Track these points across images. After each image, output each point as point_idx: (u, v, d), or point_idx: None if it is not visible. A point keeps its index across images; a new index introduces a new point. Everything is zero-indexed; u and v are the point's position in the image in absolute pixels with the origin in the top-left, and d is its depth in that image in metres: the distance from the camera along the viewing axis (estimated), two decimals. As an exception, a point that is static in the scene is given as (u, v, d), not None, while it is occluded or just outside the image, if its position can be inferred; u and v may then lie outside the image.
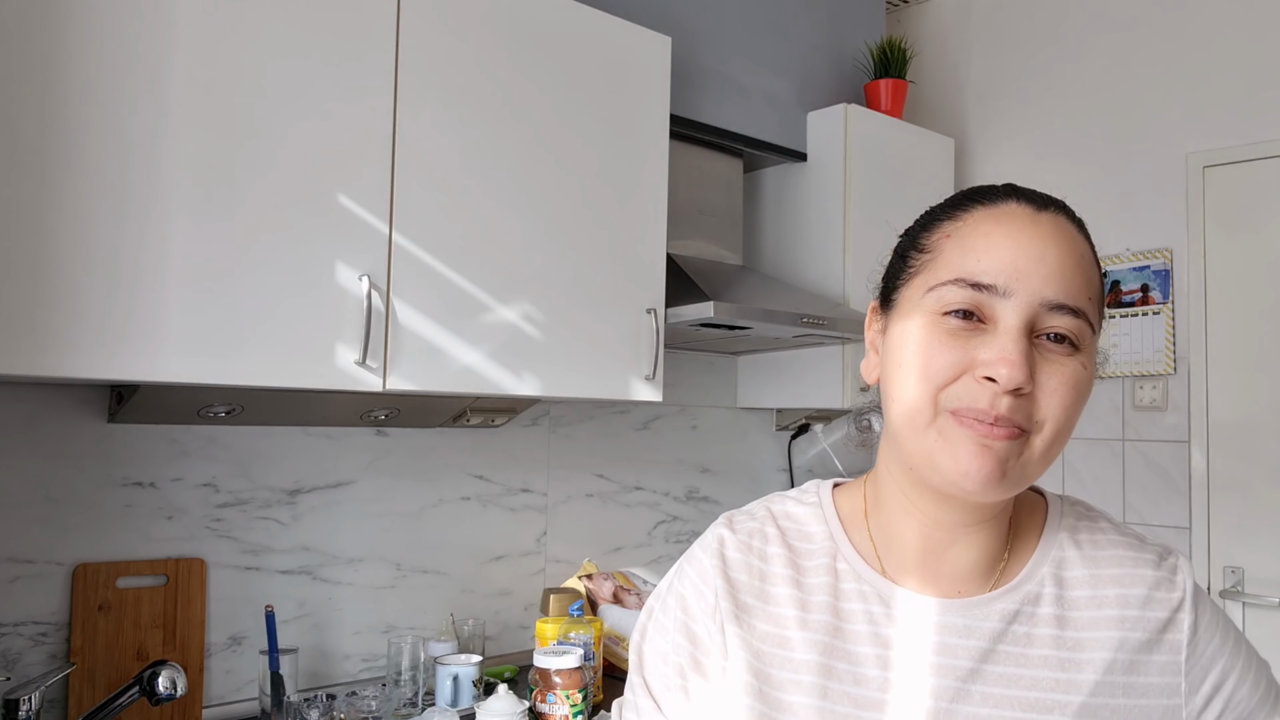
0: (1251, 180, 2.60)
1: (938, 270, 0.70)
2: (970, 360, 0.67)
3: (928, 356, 0.69)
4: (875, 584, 0.77)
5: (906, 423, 0.71)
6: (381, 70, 1.73)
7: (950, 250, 0.70)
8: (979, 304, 0.68)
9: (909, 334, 0.71)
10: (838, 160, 2.68)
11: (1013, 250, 0.68)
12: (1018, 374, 0.65)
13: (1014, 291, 0.67)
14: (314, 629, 2.01)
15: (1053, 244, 0.68)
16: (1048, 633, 0.75)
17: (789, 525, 0.83)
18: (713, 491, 2.82)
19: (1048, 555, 0.78)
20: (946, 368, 0.68)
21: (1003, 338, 0.67)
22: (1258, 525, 2.51)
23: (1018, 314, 0.67)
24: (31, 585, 1.69)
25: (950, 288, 0.68)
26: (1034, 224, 0.69)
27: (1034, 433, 0.68)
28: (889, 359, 0.73)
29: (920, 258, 0.73)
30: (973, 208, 0.72)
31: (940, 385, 0.68)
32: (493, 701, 1.73)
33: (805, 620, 0.77)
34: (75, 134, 1.41)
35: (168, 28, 1.50)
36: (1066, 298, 0.67)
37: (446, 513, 2.23)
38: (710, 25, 2.53)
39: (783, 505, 0.85)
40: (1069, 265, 0.68)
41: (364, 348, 1.66)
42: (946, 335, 0.68)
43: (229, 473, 1.91)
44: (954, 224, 0.72)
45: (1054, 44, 3.00)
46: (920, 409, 0.69)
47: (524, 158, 1.93)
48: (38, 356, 1.37)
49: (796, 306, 2.32)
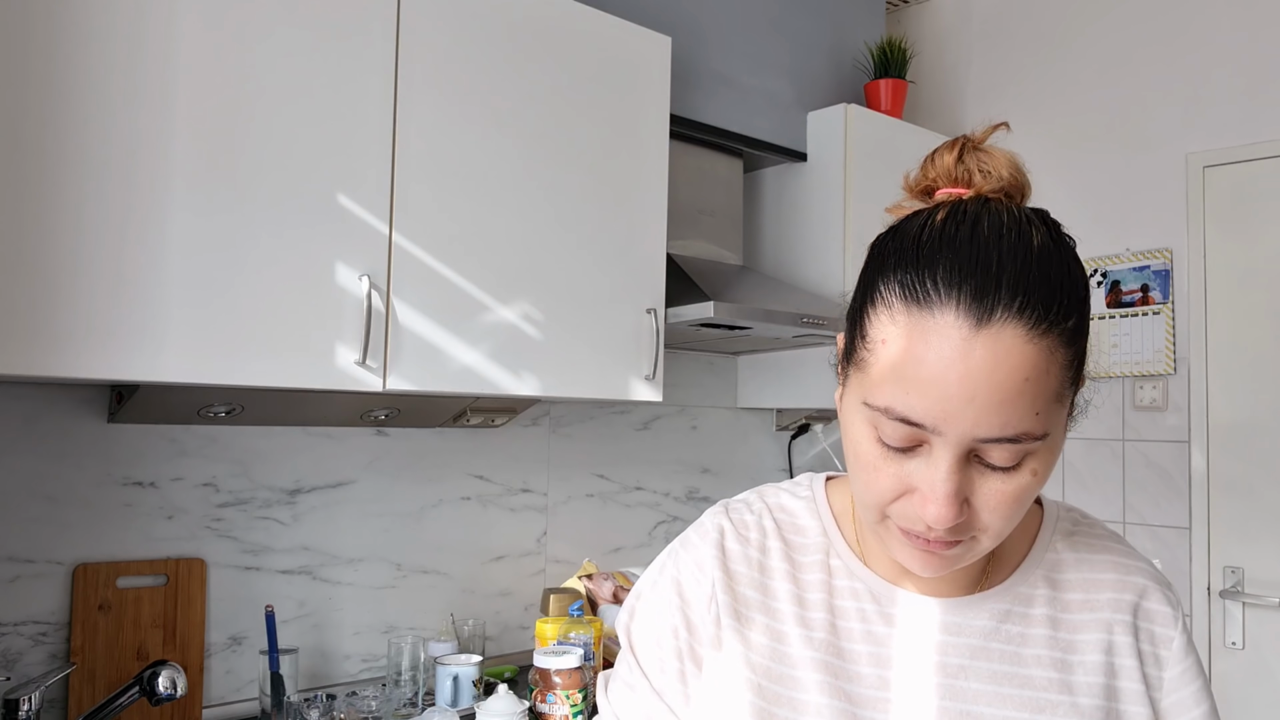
0: (1251, 180, 2.60)
1: (873, 383, 0.66)
2: (906, 484, 0.66)
3: (870, 476, 0.68)
4: (868, 581, 0.78)
5: (860, 513, 0.72)
6: (381, 70, 1.73)
7: (884, 363, 0.65)
8: (912, 435, 0.64)
9: (853, 434, 0.69)
10: (838, 160, 2.68)
11: (940, 390, 0.62)
12: (945, 516, 0.64)
13: (943, 431, 0.63)
14: (314, 629, 2.01)
15: (986, 379, 0.61)
16: (1041, 633, 0.75)
17: (784, 518, 0.83)
18: (713, 492, 2.82)
19: (1041, 558, 0.79)
20: (886, 491, 0.67)
21: (933, 471, 0.64)
22: (1258, 525, 2.51)
23: (948, 450, 0.63)
24: (31, 585, 1.69)
25: (882, 417, 0.65)
26: (966, 354, 0.61)
27: (979, 535, 0.67)
28: (843, 436, 0.72)
29: (861, 349, 0.68)
30: (910, 308, 0.64)
31: (883, 503, 0.68)
32: (493, 702, 1.73)
33: (803, 617, 0.77)
34: (75, 134, 1.41)
35: (169, 28, 1.50)
36: (1002, 432, 0.62)
37: (446, 513, 2.23)
38: (710, 25, 2.53)
39: (777, 498, 0.84)
40: (1007, 397, 0.61)
41: (364, 348, 1.66)
42: (883, 458, 0.67)
43: (229, 473, 1.91)
44: (891, 325, 0.65)
45: (1054, 44, 3.01)
46: (868, 511, 0.70)
47: (524, 158, 1.93)
48: (38, 356, 1.37)
49: (796, 306, 2.32)
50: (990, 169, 0.70)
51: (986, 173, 0.70)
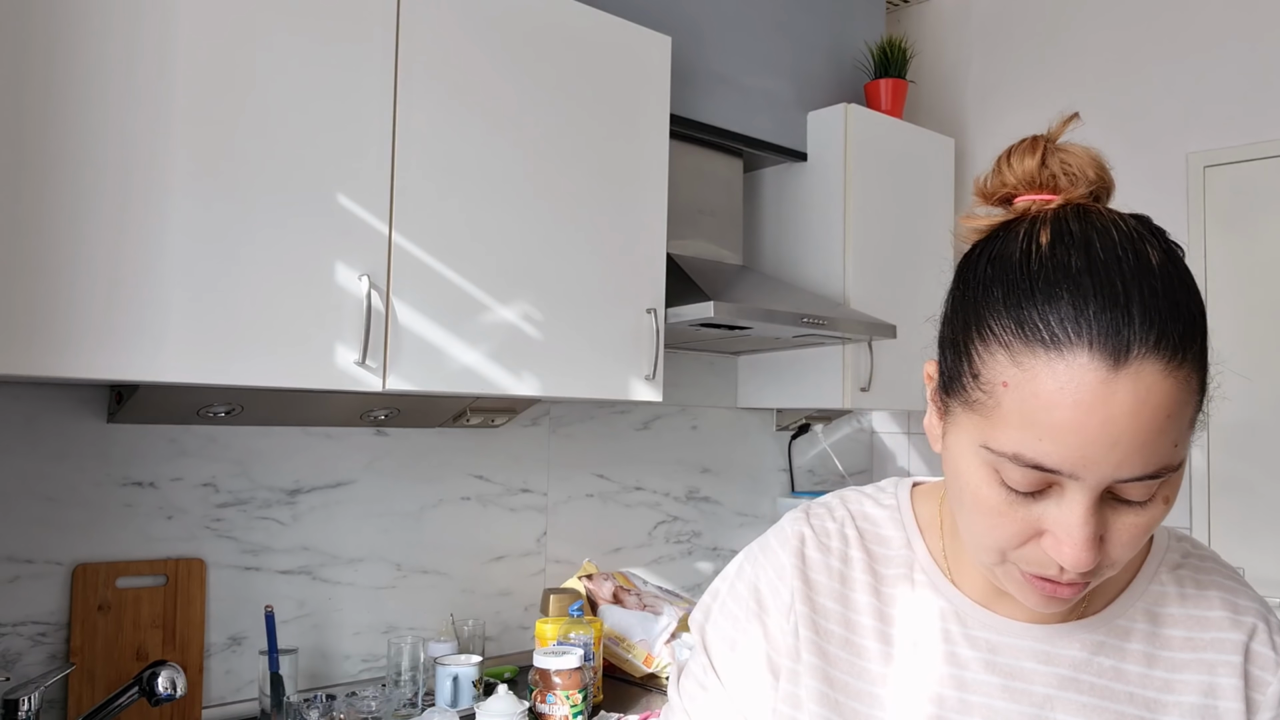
0: (1251, 180, 2.60)
1: (994, 427, 0.60)
2: (1035, 528, 0.62)
3: (992, 522, 0.63)
4: (954, 601, 0.74)
5: (971, 553, 0.68)
6: (381, 70, 1.73)
7: (1008, 407, 0.59)
8: (1043, 479, 0.60)
9: (968, 477, 0.64)
10: (838, 160, 2.68)
11: (1079, 437, 0.57)
12: (1085, 561, 0.60)
13: (1082, 476, 0.58)
14: (314, 629, 2.01)
15: (1129, 422, 0.57)
16: (1136, 669, 0.71)
17: (866, 527, 0.79)
18: (713, 492, 2.82)
19: (1144, 590, 0.74)
20: (1012, 537, 0.63)
21: (1068, 515, 0.60)
22: (1258, 525, 2.51)
23: (1084, 493, 0.59)
24: (31, 585, 1.69)
25: (1008, 463, 0.60)
26: (1107, 399, 0.56)
27: (1104, 568, 0.63)
28: (948, 473, 0.67)
29: (975, 390, 0.62)
30: (1034, 349, 0.58)
31: (1008, 549, 0.64)
32: (493, 702, 1.73)
33: (884, 633, 0.74)
34: (75, 134, 1.41)
35: (169, 28, 1.50)
36: (1144, 470, 0.58)
37: (446, 513, 2.23)
38: (710, 25, 2.53)
39: (860, 505, 0.81)
40: (1149, 437, 0.57)
41: (364, 348, 1.66)
42: (1008, 503, 0.62)
43: (229, 473, 1.91)
44: (1013, 367, 0.59)
45: (1054, 44, 3.00)
46: (986, 554, 0.66)
47: (524, 157, 1.93)
48: (38, 356, 1.37)
49: (796, 306, 2.32)
50: (1076, 171, 0.66)
51: (1073, 176, 0.66)
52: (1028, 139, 0.68)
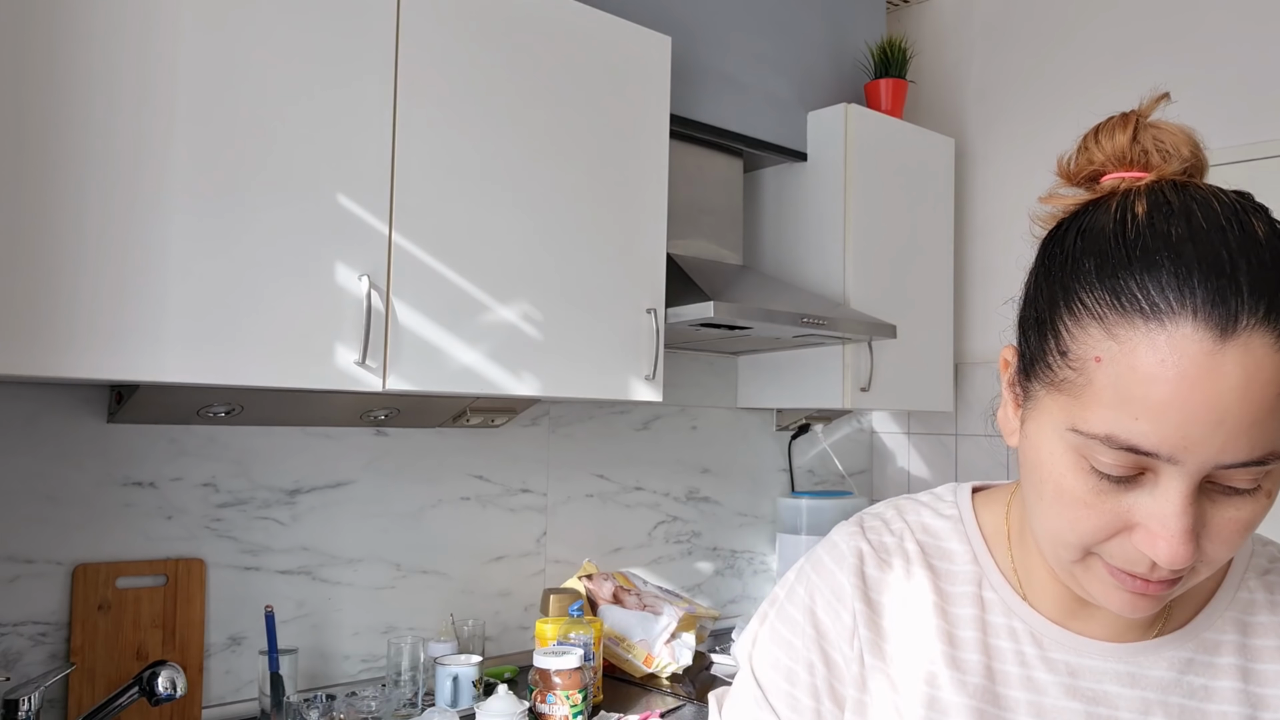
0: (1251, 180, 2.59)
1: (1085, 407, 0.56)
2: (1125, 520, 0.57)
3: (1078, 513, 0.58)
4: (1028, 620, 0.69)
5: (1049, 551, 0.63)
6: (381, 70, 1.73)
7: (1101, 384, 0.55)
8: (1137, 464, 0.55)
9: (1051, 465, 0.59)
10: (838, 160, 2.68)
11: (1182, 415, 0.53)
12: (1182, 555, 0.55)
13: (1181, 460, 0.54)
14: (314, 629, 2.01)
15: (1236, 399, 0.52)
16: (1229, 686, 0.66)
17: (928, 541, 0.73)
18: (713, 492, 2.82)
19: (1232, 598, 0.69)
20: (1100, 529, 0.58)
21: (1163, 504, 0.55)
22: (1258, 525, 2.51)
23: (1183, 480, 0.55)
24: (31, 585, 1.69)
25: (1099, 446, 0.56)
26: (1214, 370, 0.52)
27: (1198, 567, 0.59)
28: (1026, 464, 0.62)
29: (1063, 368, 0.58)
30: (1133, 320, 0.54)
31: (1093, 542, 0.59)
32: (493, 702, 1.73)
33: (954, 658, 0.69)
34: (75, 134, 1.41)
35: (169, 28, 1.50)
36: (1249, 455, 0.54)
37: (446, 513, 2.23)
38: (710, 25, 2.53)
39: (918, 515, 0.75)
40: (1258, 417, 0.53)
41: (364, 348, 1.66)
42: (1096, 492, 0.57)
43: (229, 473, 1.91)
44: (1107, 340, 0.55)
45: (1054, 44, 3.00)
46: (1068, 549, 0.61)
47: (524, 157, 1.93)
48: (38, 356, 1.37)
49: (796, 306, 2.32)
50: (1169, 147, 0.61)
51: (1166, 152, 0.61)
52: (1117, 115, 0.64)
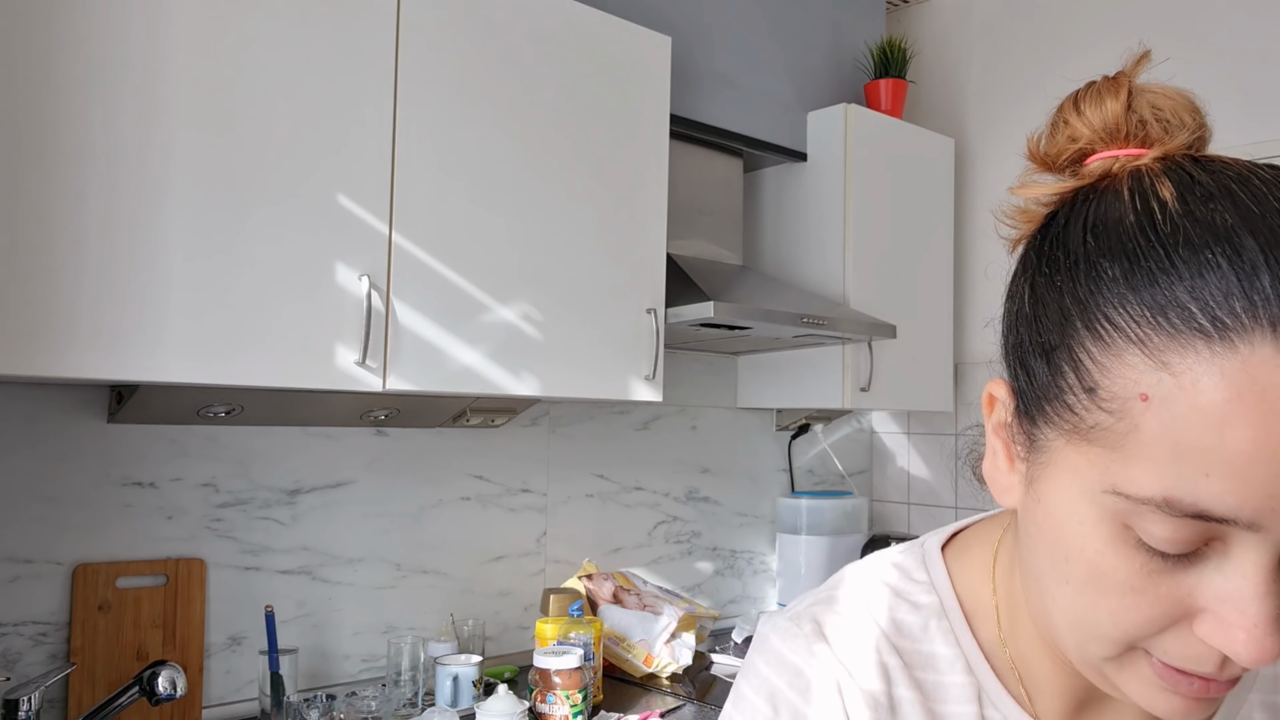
0: (1251, 180, 2.59)
1: (1128, 462, 0.42)
2: (1185, 606, 0.44)
3: (1123, 601, 0.45)
4: None
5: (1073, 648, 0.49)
6: (381, 70, 1.73)
7: (1151, 431, 0.41)
8: (1202, 534, 0.42)
9: (1077, 541, 0.46)
10: (838, 160, 2.68)
11: (1271, 466, 0.39)
12: (1268, 651, 0.42)
13: (1267, 525, 0.41)
14: (314, 629, 2.01)
15: None
16: None
17: (908, 648, 0.59)
18: (713, 492, 2.82)
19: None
20: (1152, 620, 0.45)
21: (1239, 583, 0.42)
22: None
23: (1265, 551, 0.42)
24: (31, 585, 1.69)
25: (1153, 515, 0.42)
26: None
27: None
28: (1040, 536, 0.48)
29: (1092, 410, 0.44)
30: (1190, 342, 0.41)
31: (1142, 637, 0.46)
32: (493, 702, 1.73)
33: None
34: (75, 134, 1.41)
35: (168, 28, 1.50)
36: None
37: (446, 513, 2.23)
38: (710, 25, 2.53)
39: (891, 611, 0.60)
40: None
41: (364, 348, 1.66)
42: (1146, 573, 0.44)
43: (229, 473, 1.91)
44: (1156, 371, 0.41)
45: (1054, 44, 3.01)
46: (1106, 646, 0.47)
47: (524, 157, 1.93)
48: (38, 356, 1.37)
49: (796, 306, 2.32)
50: (1170, 115, 0.50)
51: (1167, 122, 0.50)
52: (1100, 79, 0.52)
